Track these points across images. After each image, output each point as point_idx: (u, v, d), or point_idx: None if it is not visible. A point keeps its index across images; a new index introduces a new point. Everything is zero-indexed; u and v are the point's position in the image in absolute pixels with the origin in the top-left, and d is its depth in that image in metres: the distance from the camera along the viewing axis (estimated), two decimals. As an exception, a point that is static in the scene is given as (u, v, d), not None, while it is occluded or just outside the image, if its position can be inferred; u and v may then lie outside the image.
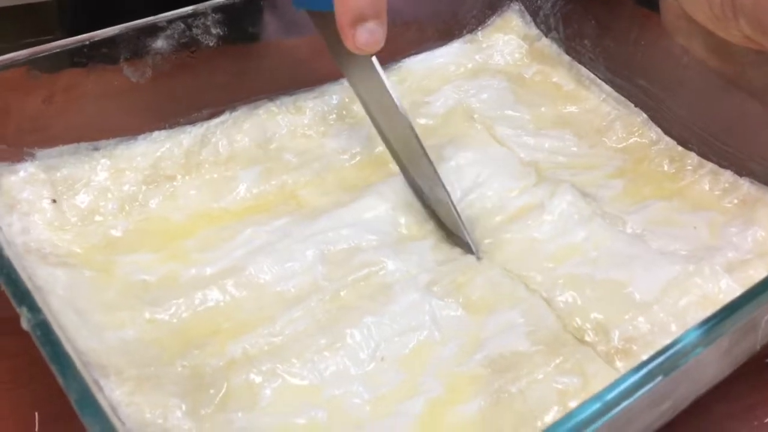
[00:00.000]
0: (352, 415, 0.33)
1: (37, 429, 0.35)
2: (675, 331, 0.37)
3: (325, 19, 0.39)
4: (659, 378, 0.26)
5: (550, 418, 0.33)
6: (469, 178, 0.45)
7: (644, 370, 0.26)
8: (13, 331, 0.29)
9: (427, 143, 0.47)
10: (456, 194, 0.44)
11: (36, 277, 0.36)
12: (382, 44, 0.38)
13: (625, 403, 0.25)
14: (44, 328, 0.27)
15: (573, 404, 0.34)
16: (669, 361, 0.26)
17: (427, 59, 0.53)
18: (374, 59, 0.40)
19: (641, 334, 0.37)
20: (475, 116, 0.50)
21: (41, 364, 0.27)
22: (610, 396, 0.25)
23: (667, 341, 0.36)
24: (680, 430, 0.35)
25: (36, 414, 0.36)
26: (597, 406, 0.24)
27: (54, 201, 0.40)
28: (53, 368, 0.26)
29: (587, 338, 0.37)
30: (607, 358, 0.36)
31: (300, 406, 0.33)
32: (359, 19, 0.36)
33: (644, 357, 0.35)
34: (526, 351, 0.36)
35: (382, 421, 0.33)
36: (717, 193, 0.45)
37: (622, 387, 0.25)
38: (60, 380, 0.25)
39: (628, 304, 0.38)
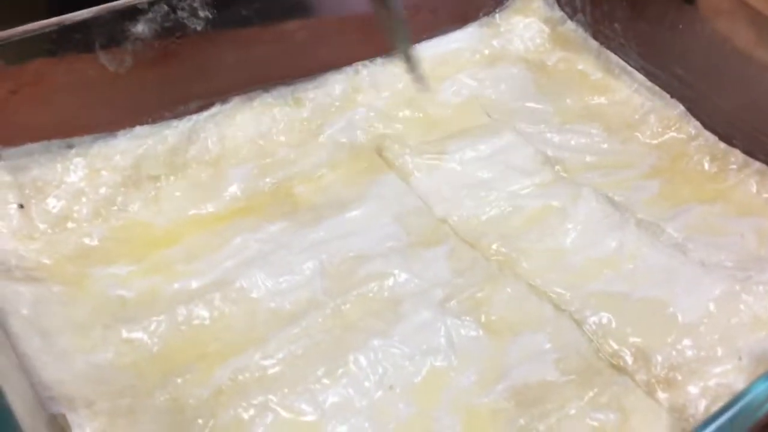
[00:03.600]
0: None
1: None
2: (722, 356, 0.33)
3: None
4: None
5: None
6: (476, 174, 0.41)
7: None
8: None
9: (434, 136, 0.44)
10: (461, 193, 0.40)
11: (-3, 295, 0.31)
12: None
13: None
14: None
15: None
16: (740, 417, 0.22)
17: (439, 45, 0.49)
18: None
19: (686, 361, 0.32)
20: (493, 109, 0.45)
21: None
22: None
23: (716, 369, 0.32)
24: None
25: None
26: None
27: (21, 206, 0.36)
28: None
29: (624, 365, 0.32)
30: (647, 388, 0.31)
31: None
32: None
33: (690, 387, 0.32)
34: (555, 381, 0.31)
35: None
36: (765, 195, 0.40)
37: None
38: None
39: (670, 326, 0.33)
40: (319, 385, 0.31)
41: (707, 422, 0.23)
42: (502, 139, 0.43)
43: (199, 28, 0.40)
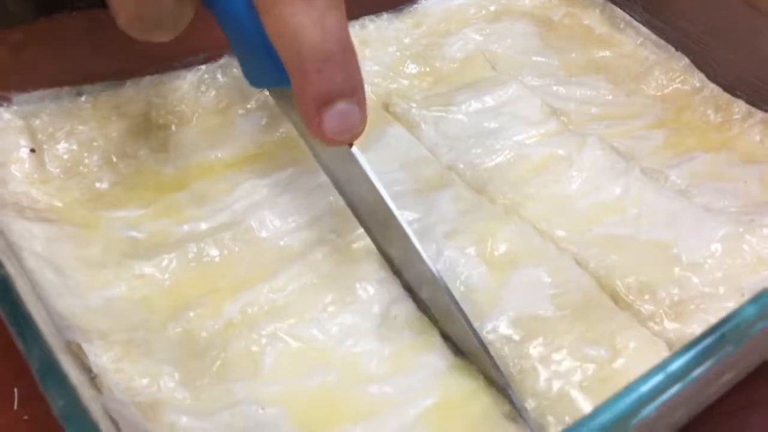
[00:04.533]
0: (367, 373, 0.30)
1: (16, 406, 0.31)
2: (725, 294, 0.33)
3: (287, 97, 0.31)
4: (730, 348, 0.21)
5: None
6: (483, 125, 0.41)
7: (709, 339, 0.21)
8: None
9: (440, 90, 0.44)
10: (468, 142, 0.40)
11: (10, 232, 0.32)
12: (360, 130, 0.28)
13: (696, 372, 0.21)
14: (2, 283, 0.23)
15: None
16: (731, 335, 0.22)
17: (444, 1, 0.49)
18: (356, 151, 0.30)
19: (690, 298, 0.33)
20: (499, 63, 0.46)
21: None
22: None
23: (719, 305, 0.33)
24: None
25: (15, 390, 0.32)
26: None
27: (33, 150, 0.36)
28: (12, 331, 0.22)
29: (628, 301, 0.33)
30: (653, 322, 0.32)
31: (307, 369, 0.30)
32: (326, 100, 0.27)
33: (693, 323, 0.32)
34: (551, 316, 0.32)
35: (401, 377, 0.30)
36: (769, 144, 0.41)
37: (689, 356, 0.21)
38: (20, 345, 0.21)
39: (674, 265, 0.34)
40: (326, 313, 0.31)
41: (698, 339, 0.23)
42: (507, 92, 0.43)
43: (207, -21, 0.40)
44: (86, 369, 0.28)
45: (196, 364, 0.30)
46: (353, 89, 0.27)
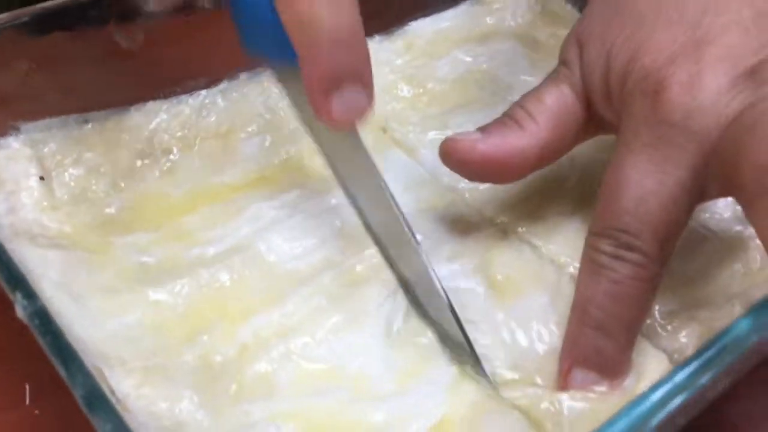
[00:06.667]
0: (378, 389, 0.31)
1: (27, 402, 0.33)
2: (717, 303, 0.35)
3: (288, 72, 0.31)
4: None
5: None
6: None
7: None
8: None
9: (432, 111, 0.45)
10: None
11: (26, 260, 0.33)
12: (367, 112, 0.30)
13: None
14: (43, 316, 0.24)
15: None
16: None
17: (433, 23, 0.50)
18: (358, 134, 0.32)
19: (683, 308, 0.34)
20: (488, 82, 0.47)
21: (29, 336, 0.25)
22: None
23: (711, 315, 0.34)
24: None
25: (27, 386, 0.33)
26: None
27: (42, 178, 0.37)
28: (55, 361, 0.23)
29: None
30: (648, 332, 0.33)
31: (319, 388, 0.31)
32: (335, 82, 0.28)
33: (686, 332, 0.34)
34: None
35: (410, 393, 0.31)
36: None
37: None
38: (63, 374, 0.22)
39: (668, 278, 0.35)
40: (334, 334, 0.33)
41: (701, 352, 0.25)
42: (500, 113, 0.44)
43: (207, 5, 0.41)
44: (111, 393, 0.29)
45: (213, 388, 0.31)
46: (362, 72, 0.29)
